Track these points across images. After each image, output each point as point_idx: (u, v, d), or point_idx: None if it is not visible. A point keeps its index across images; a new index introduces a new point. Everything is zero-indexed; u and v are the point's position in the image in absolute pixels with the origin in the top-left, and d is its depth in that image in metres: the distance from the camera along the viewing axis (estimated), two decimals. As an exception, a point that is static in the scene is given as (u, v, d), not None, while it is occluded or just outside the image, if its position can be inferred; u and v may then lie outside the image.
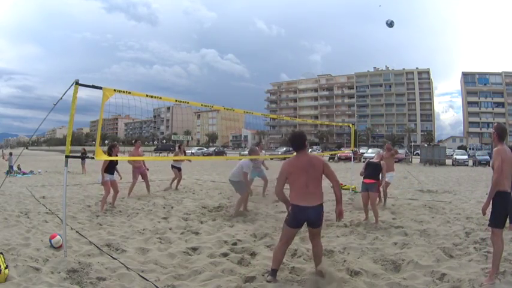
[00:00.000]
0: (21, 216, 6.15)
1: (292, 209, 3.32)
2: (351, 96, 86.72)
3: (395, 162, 9.86)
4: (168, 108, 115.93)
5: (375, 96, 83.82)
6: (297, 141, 3.46)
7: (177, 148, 11.20)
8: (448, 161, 30.68)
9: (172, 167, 10.32)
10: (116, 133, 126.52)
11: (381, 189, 6.93)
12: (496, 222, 3.35)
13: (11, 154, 17.09)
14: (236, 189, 6.82)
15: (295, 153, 3.52)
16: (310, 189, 3.30)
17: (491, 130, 3.69)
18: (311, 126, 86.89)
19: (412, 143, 49.47)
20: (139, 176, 9.01)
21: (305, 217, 3.31)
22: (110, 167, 7.22)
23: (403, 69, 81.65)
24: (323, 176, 3.40)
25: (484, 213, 3.47)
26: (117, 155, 7.69)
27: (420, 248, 4.37)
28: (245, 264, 3.90)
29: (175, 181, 10.31)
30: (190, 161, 10.86)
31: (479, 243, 4.50)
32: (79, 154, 13.62)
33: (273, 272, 3.39)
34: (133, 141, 9.54)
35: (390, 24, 9.14)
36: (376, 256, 4.10)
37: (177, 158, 10.01)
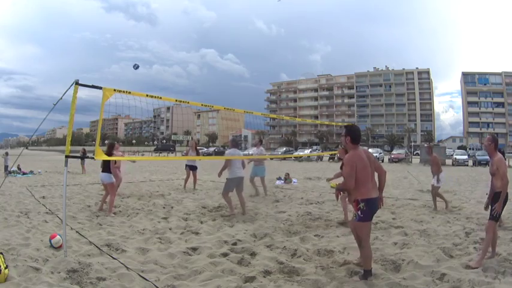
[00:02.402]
0: (21, 216, 6.15)
1: (368, 203, 3.29)
2: (350, 96, 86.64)
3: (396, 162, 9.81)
4: (168, 108, 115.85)
5: (374, 96, 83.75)
6: (359, 135, 3.48)
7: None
8: (448, 161, 30.68)
9: (186, 166, 10.35)
10: (116, 133, 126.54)
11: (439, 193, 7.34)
12: (496, 217, 3.90)
13: (7, 154, 16.32)
14: (239, 187, 6.81)
15: (352, 148, 3.42)
16: (373, 180, 3.41)
17: (485, 142, 4.13)
18: (311, 126, 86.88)
19: (412, 143, 49.46)
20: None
21: (376, 208, 3.39)
22: (107, 167, 7.18)
23: (403, 69, 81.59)
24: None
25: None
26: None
27: (420, 248, 4.36)
28: (245, 264, 3.90)
29: (188, 181, 10.30)
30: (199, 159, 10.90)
31: (479, 243, 4.48)
32: (79, 154, 13.54)
33: (370, 272, 3.40)
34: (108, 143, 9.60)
35: (136, 67, 9.55)
36: (376, 256, 4.09)
37: (183, 158, 10.20)
